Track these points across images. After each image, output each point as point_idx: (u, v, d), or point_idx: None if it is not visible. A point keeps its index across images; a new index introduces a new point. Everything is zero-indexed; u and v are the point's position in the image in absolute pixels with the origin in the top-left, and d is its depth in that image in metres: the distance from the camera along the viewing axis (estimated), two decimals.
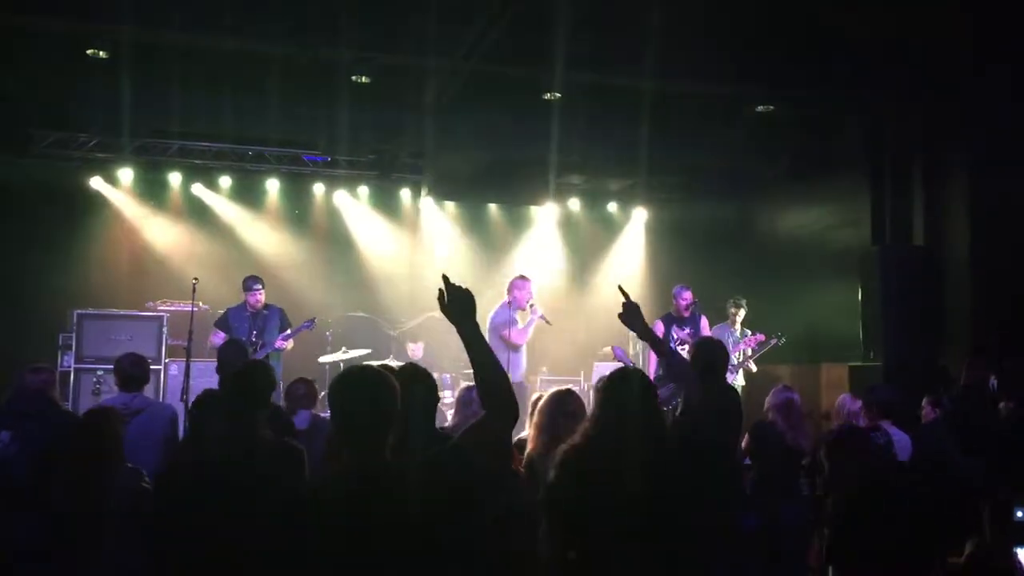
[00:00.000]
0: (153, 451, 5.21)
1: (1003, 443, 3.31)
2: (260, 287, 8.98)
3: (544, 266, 12.17)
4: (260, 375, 3.94)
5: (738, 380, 9.24)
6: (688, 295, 9.07)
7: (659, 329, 8.71)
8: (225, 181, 11.41)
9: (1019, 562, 1.85)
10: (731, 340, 9.39)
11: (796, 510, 5.33)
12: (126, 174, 10.98)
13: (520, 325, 8.36)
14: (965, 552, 2.27)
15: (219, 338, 8.67)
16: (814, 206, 10.23)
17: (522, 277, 8.57)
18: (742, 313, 9.70)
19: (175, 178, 11.26)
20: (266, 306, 8.96)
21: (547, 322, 8.47)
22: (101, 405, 5.01)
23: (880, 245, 8.92)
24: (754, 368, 9.52)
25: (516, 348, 8.20)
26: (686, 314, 9.08)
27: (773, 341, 9.36)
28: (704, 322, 9.26)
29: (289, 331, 8.89)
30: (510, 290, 8.48)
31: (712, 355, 5.09)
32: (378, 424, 2.65)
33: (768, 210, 11.04)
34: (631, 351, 10.01)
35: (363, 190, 11.88)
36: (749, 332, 9.61)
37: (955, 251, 8.44)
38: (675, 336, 8.99)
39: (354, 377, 2.75)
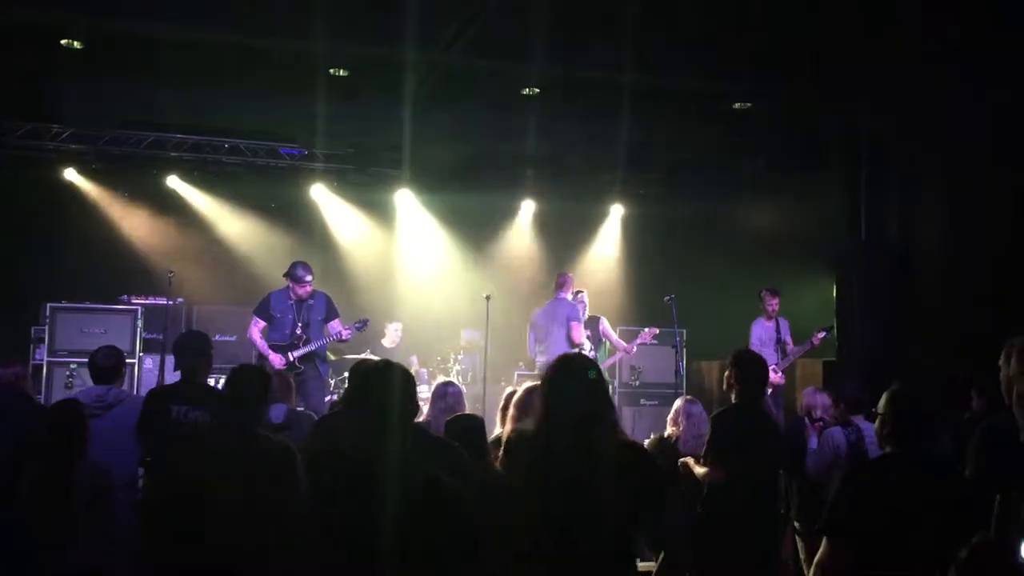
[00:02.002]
0: (129, 443, 5.19)
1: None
2: (312, 277, 8.05)
3: (521, 261, 12.19)
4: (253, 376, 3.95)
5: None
6: (586, 300, 9.58)
7: (580, 325, 9.08)
8: (201, 174, 11.31)
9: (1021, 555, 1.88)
10: (772, 335, 9.17)
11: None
12: (100, 166, 10.87)
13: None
14: (969, 546, 2.29)
15: (258, 328, 7.97)
16: (790, 203, 10.29)
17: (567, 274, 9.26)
18: (777, 301, 9.18)
19: (150, 170, 11.15)
20: (312, 293, 8.07)
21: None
22: (68, 397, 4.94)
23: (855, 242, 8.99)
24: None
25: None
26: (583, 316, 9.39)
27: (822, 334, 8.88)
28: (604, 323, 9.60)
29: (337, 324, 8.12)
30: (568, 286, 9.14)
31: (759, 370, 4.85)
32: (387, 415, 2.74)
33: (745, 207, 11.11)
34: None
35: (341, 183, 11.83)
36: (787, 321, 9.22)
37: (929, 249, 8.53)
38: None
39: (383, 372, 2.79)
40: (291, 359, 7.88)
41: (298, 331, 7.97)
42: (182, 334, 5.22)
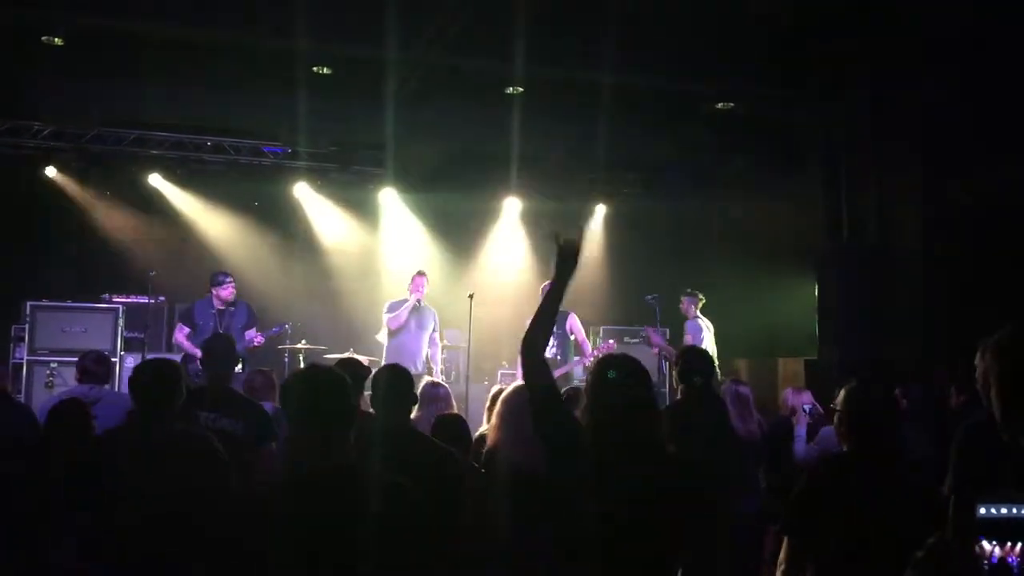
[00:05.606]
0: None
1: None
2: (232, 280, 8.54)
3: (506, 259, 12.20)
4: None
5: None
6: None
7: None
8: (183, 172, 11.25)
9: (981, 550, 1.89)
10: (707, 335, 9.16)
11: (752, 502, 5.39)
12: (81, 164, 10.79)
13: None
14: (926, 545, 2.31)
15: (183, 334, 8.26)
16: (772, 203, 10.35)
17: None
18: (686, 303, 9.32)
19: (131, 168, 11.07)
20: (233, 301, 8.52)
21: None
22: (64, 397, 4.92)
23: (835, 242, 9.05)
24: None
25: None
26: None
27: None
28: (573, 318, 8.93)
29: (255, 330, 8.44)
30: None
31: (702, 364, 4.99)
32: (331, 424, 2.60)
33: (727, 206, 11.16)
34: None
35: (324, 182, 11.80)
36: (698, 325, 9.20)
37: (907, 249, 8.60)
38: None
39: (304, 379, 2.73)
40: None
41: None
42: (210, 338, 5.24)
